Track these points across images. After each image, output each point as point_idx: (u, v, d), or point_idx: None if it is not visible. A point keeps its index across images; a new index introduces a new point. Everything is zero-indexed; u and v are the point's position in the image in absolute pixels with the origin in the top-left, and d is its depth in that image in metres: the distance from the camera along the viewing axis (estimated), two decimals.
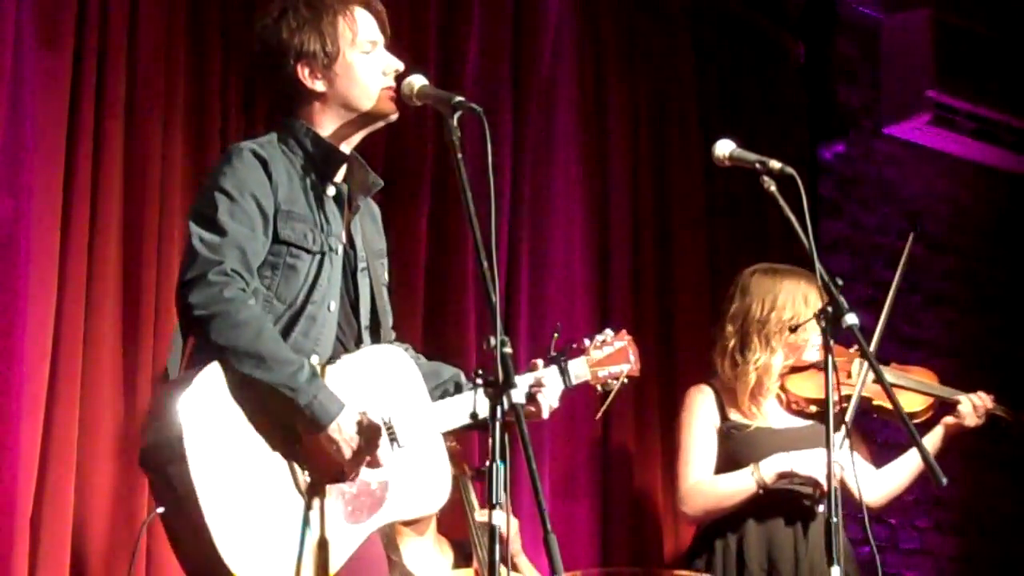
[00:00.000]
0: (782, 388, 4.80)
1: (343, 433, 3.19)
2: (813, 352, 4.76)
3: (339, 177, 3.50)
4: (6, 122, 4.51)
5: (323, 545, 3.23)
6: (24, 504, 4.39)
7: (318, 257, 3.38)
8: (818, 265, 3.56)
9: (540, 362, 3.59)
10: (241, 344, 3.17)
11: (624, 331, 3.85)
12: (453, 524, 4.82)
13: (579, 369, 3.71)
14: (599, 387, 3.78)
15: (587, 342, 3.75)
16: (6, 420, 4.38)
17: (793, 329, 4.60)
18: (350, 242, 3.48)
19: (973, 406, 4.79)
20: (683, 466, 4.82)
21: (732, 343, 4.81)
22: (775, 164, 3.69)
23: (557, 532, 2.83)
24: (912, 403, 4.78)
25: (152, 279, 4.73)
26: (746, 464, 4.67)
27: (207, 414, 3.16)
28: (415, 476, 3.36)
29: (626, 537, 5.64)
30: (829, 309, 3.58)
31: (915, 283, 6.94)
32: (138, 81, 4.82)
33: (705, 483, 4.75)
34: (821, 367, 4.71)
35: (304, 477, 3.24)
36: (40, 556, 4.40)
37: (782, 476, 4.60)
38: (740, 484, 4.66)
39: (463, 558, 4.79)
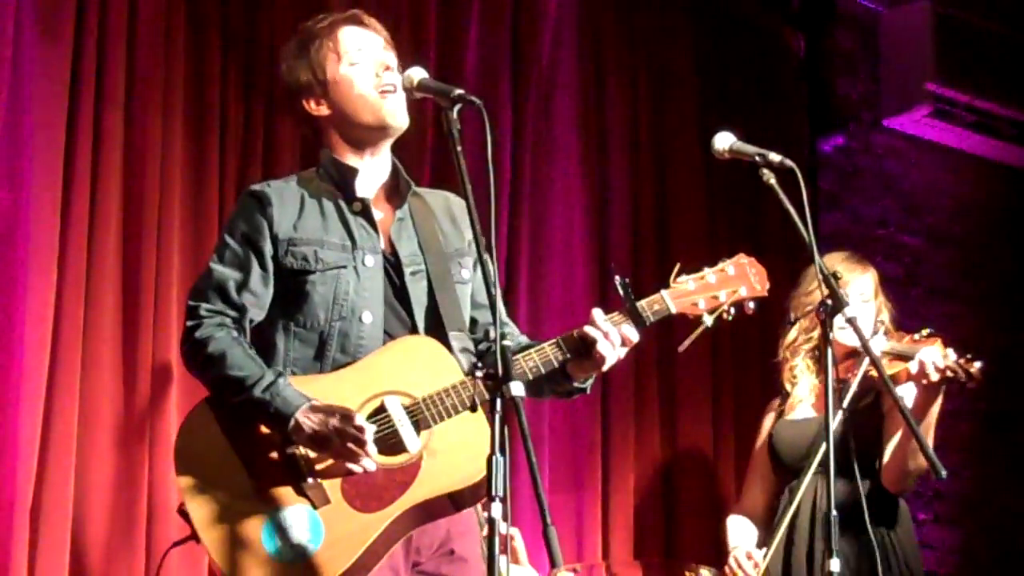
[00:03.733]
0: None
1: (303, 429, 3.28)
2: (846, 335, 4.74)
3: (363, 191, 3.54)
4: (6, 112, 4.52)
5: (333, 544, 3.28)
6: (24, 495, 4.39)
7: (330, 275, 3.45)
8: (817, 258, 3.57)
9: (598, 312, 3.47)
10: (212, 376, 3.41)
11: (741, 253, 3.68)
12: None
13: (657, 305, 3.53)
14: (705, 315, 3.58)
15: (683, 276, 3.59)
16: (6, 411, 4.39)
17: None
18: (392, 250, 3.52)
19: (919, 361, 4.65)
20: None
21: (784, 327, 4.96)
22: (775, 157, 3.69)
23: (558, 525, 2.83)
24: (892, 367, 4.73)
25: (152, 270, 4.73)
26: (780, 458, 4.82)
27: (201, 447, 3.38)
28: (451, 452, 3.36)
29: (627, 529, 5.65)
30: (828, 302, 3.58)
31: (916, 276, 6.95)
32: (137, 72, 4.82)
33: (729, 522, 4.98)
34: (857, 352, 4.73)
35: (309, 481, 3.32)
36: (40, 547, 4.41)
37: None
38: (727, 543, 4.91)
39: None
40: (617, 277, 3.50)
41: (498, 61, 5.70)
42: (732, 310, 3.61)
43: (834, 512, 3.51)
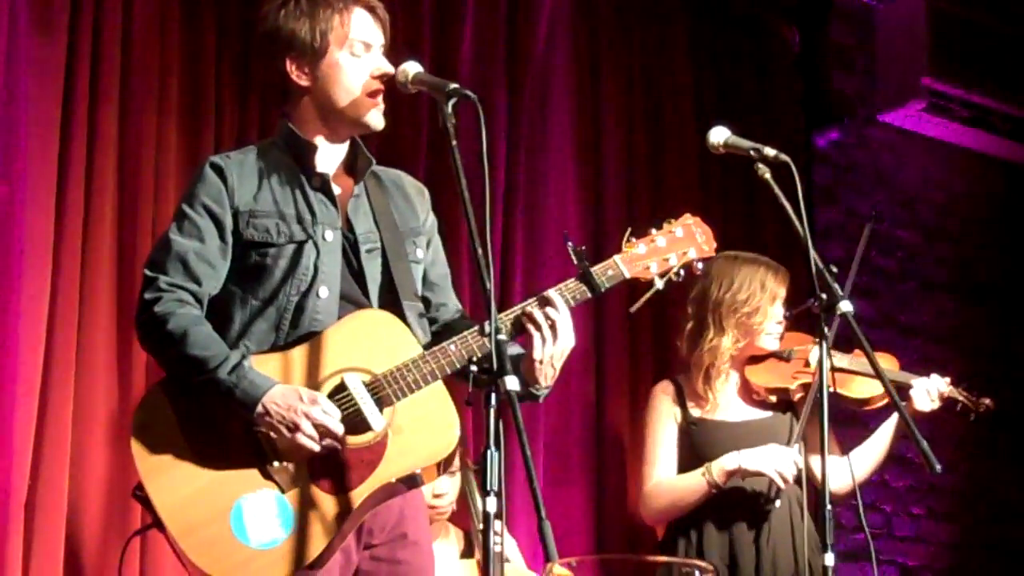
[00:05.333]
0: (744, 379, 4.82)
1: (271, 415, 3.24)
2: (772, 341, 4.79)
3: (323, 166, 3.52)
4: (0, 107, 4.51)
5: (304, 527, 3.25)
6: (18, 489, 4.39)
7: (291, 248, 3.42)
8: (812, 252, 3.57)
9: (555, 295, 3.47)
10: (171, 353, 3.33)
11: (686, 214, 3.73)
12: (463, 515, 4.84)
13: (611, 271, 3.54)
14: (656, 279, 3.59)
15: (632, 239, 3.62)
16: (1, 406, 4.39)
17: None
18: (348, 226, 3.49)
19: (925, 390, 4.71)
20: (645, 467, 4.86)
21: (690, 325, 4.85)
22: (770, 151, 3.69)
23: (552, 519, 2.83)
24: (867, 389, 4.76)
25: None
26: (707, 459, 4.67)
27: (159, 432, 3.30)
28: (417, 428, 3.35)
29: (620, 524, 5.64)
30: (824, 296, 3.58)
31: (909, 270, 6.96)
32: (132, 67, 4.82)
33: (662, 485, 4.77)
34: (781, 356, 4.79)
35: (275, 464, 3.28)
36: (34, 541, 4.41)
37: (731, 475, 4.62)
38: (692, 486, 4.67)
39: (470, 549, 4.80)
40: (570, 244, 3.50)
41: (493, 54, 5.70)
42: (682, 272, 3.64)
43: (828, 507, 3.51)
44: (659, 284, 3.60)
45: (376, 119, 3.51)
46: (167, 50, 4.90)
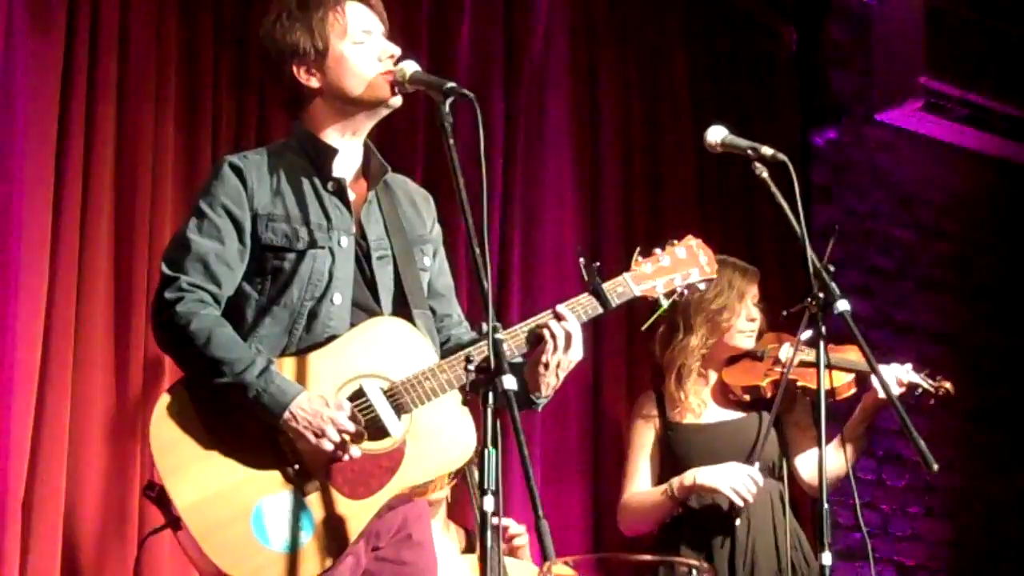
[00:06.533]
0: (721, 380, 4.84)
1: (298, 421, 3.24)
2: (745, 339, 4.81)
3: (340, 171, 3.51)
4: None
5: (324, 531, 3.26)
6: (16, 488, 4.39)
7: (307, 254, 3.42)
8: (810, 251, 3.57)
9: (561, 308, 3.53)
10: (193, 354, 3.31)
11: (689, 235, 3.78)
12: (464, 511, 4.84)
13: (620, 287, 3.60)
14: (662, 298, 3.67)
15: (639, 258, 3.67)
16: None
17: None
18: (361, 233, 3.49)
19: (896, 380, 4.70)
20: (623, 480, 4.93)
21: (662, 329, 4.90)
22: (767, 150, 3.69)
23: (549, 518, 2.83)
24: (833, 380, 4.75)
25: (144, 263, 4.72)
26: (684, 462, 4.71)
27: (179, 431, 3.29)
28: (434, 436, 3.36)
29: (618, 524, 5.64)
30: (821, 295, 3.58)
31: (906, 269, 6.96)
32: (130, 64, 4.82)
33: (633, 498, 4.84)
34: (755, 355, 4.81)
35: (296, 467, 3.28)
36: (32, 539, 4.40)
37: (690, 491, 4.65)
38: (656, 500, 4.74)
39: (471, 545, 4.80)
40: (582, 259, 3.54)
41: (490, 54, 5.70)
42: (685, 291, 3.72)
43: (826, 505, 3.51)
44: (665, 303, 3.69)
45: (389, 93, 3.49)
46: (165, 48, 4.90)
